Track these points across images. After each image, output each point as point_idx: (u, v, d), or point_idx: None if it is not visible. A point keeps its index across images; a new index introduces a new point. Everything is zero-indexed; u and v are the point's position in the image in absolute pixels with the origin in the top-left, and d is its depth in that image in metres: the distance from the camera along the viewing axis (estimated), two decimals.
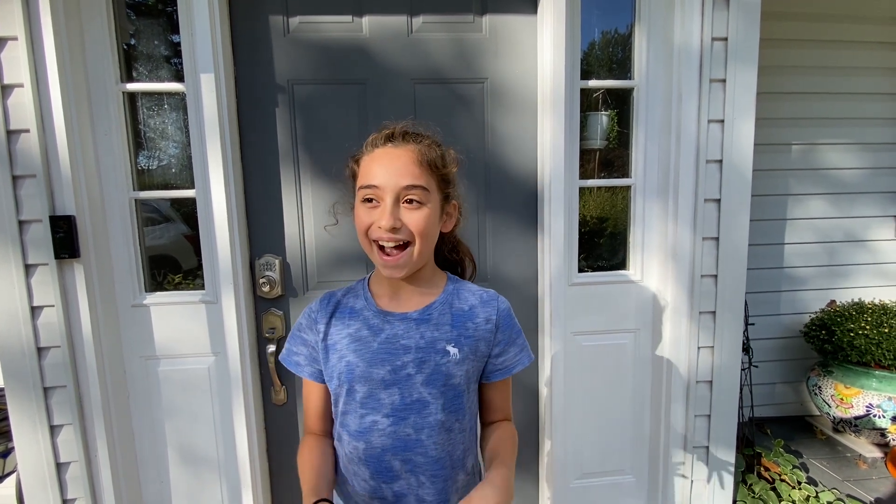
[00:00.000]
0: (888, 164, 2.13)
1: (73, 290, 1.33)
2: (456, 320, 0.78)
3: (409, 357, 0.75)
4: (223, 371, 1.49)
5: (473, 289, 0.83)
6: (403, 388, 0.75)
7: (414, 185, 0.71)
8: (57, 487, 1.39)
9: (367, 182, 0.72)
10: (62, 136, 1.27)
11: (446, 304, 0.79)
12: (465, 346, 0.77)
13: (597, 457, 1.69)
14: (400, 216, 0.71)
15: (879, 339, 1.76)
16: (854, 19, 2.00)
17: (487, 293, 0.82)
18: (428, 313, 0.78)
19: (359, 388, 0.76)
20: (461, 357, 0.76)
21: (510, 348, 0.81)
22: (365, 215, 0.73)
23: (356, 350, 0.76)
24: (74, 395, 1.36)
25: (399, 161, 0.72)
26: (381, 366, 0.75)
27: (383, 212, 0.71)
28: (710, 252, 1.53)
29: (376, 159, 0.73)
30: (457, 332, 0.77)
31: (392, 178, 0.71)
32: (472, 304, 0.80)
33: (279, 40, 1.43)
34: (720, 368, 1.57)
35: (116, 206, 1.43)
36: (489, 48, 1.49)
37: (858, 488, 1.68)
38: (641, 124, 1.57)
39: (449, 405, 0.76)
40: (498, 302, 0.81)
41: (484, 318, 0.79)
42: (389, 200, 0.71)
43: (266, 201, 1.48)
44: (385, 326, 0.77)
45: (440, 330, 0.77)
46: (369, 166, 0.74)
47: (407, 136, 0.76)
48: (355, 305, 0.81)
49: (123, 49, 1.41)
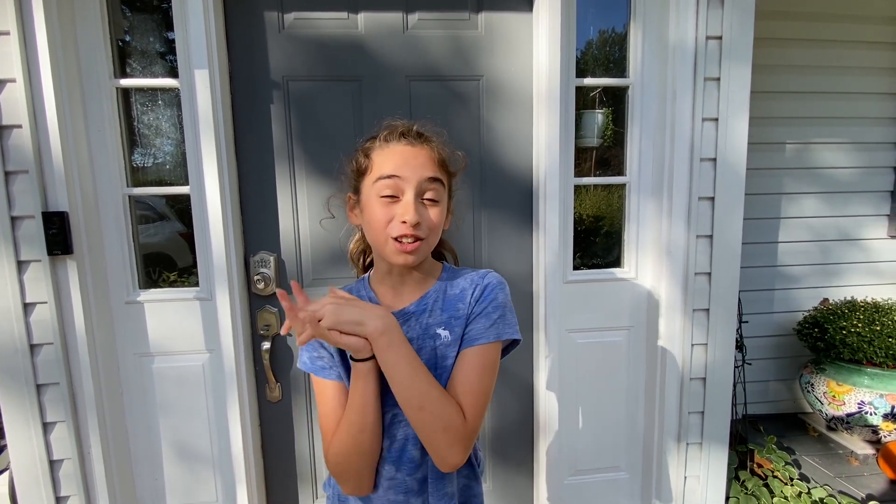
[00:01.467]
0: (881, 163, 2.14)
1: (66, 286, 1.32)
2: (447, 304, 0.79)
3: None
4: (218, 368, 1.49)
5: (467, 273, 0.83)
6: None
7: (435, 177, 0.73)
8: (50, 485, 1.39)
9: (387, 172, 0.72)
10: (55, 132, 1.26)
11: (440, 290, 0.80)
12: (455, 327, 0.77)
13: (591, 453, 1.70)
14: (421, 210, 0.72)
15: (871, 337, 1.77)
16: (848, 19, 2.01)
17: (478, 273, 0.82)
18: (424, 303, 0.79)
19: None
20: (452, 338, 0.76)
21: (480, 319, 0.75)
22: (384, 209, 0.72)
23: None
24: (67, 391, 1.35)
25: (419, 157, 0.74)
26: None
27: (407, 206, 0.71)
28: (703, 250, 1.54)
29: (395, 153, 0.74)
30: (447, 314, 0.78)
31: (416, 170, 0.72)
32: (462, 287, 0.80)
33: (274, 36, 1.42)
34: (714, 366, 1.58)
35: (110, 203, 1.42)
36: (485, 45, 1.49)
37: (850, 485, 1.70)
38: (636, 122, 1.58)
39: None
40: (484, 279, 0.80)
41: (470, 296, 0.79)
42: (412, 194, 0.71)
43: (261, 198, 1.48)
44: None
45: (433, 316, 0.78)
46: (388, 158, 0.74)
47: (420, 136, 0.77)
48: None
49: (117, 44, 1.41)
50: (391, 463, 0.77)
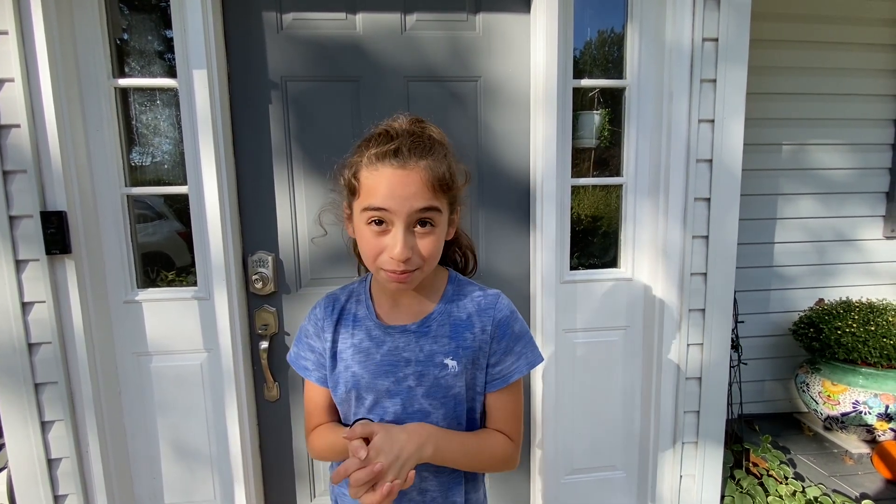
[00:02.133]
0: (877, 164, 2.16)
1: (64, 285, 1.33)
2: (454, 332, 0.76)
3: (409, 370, 0.75)
4: (216, 367, 1.49)
5: (474, 293, 0.79)
6: (405, 398, 0.75)
7: (427, 206, 0.66)
8: (48, 483, 1.39)
9: (374, 204, 0.65)
10: (53, 131, 1.26)
11: (445, 314, 0.77)
12: (462, 357, 0.75)
13: (587, 452, 1.71)
14: (411, 244, 0.66)
15: (866, 337, 1.79)
16: (844, 21, 2.03)
17: (486, 298, 0.78)
18: (427, 325, 0.77)
19: (366, 395, 0.77)
20: (460, 369, 0.75)
21: (506, 357, 0.78)
22: (373, 240, 0.67)
23: (361, 362, 0.76)
24: (66, 391, 1.36)
25: (410, 185, 0.65)
26: (384, 377, 0.75)
27: (395, 241, 0.65)
28: (699, 250, 1.55)
29: (383, 179, 0.65)
30: (455, 343, 0.76)
31: (405, 202, 0.64)
32: (469, 313, 0.77)
33: (272, 37, 1.43)
34: (709, 365, 1.59)
35: (108, 202, 1.42)
36: (482, 46, 1.50)
37: (845, 483, 1.71)
38: (633, 124, 1.58)
39: (450, 414, 0.77)
40: (495, 310, 0.77)
41: (480, 329, 0.76)
42: (402, 227, 0.65)
43: (259, 198, 1.48)
44: (386, 339, 0.76)
45: (438, 343, 0.76)
46: (376, 185, 0.66)
47: (413, 151, 0.66)
48: (358, 313, 0.80)
49: (116, 44, 1.41)
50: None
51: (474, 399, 0.79)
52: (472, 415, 0.80)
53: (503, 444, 0.79)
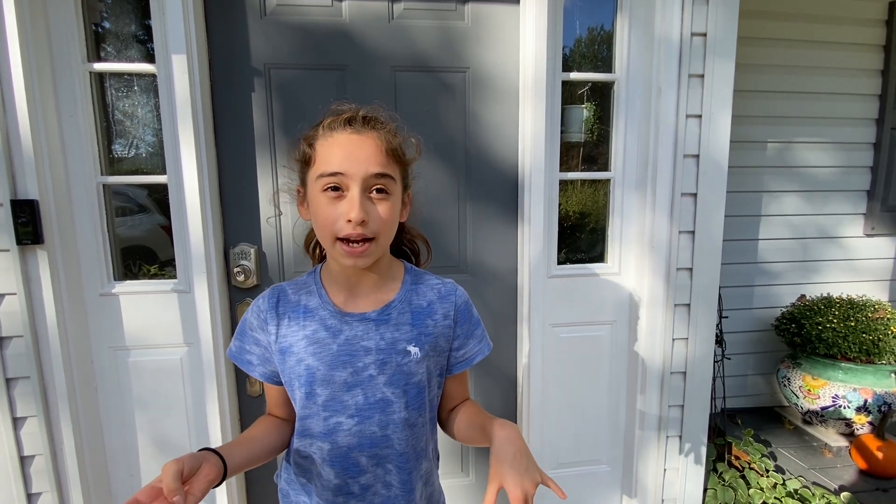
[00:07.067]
0: (859, 162, 2.19)
1: (36, 277, 1.28)
2: (416, 319, 0.76)
3: (370, 359, 0.74)
4: (196, 362, 1.46)
5: (432, 282, 0.81)
6: (366, 388, 0.74)
7: (382, 173, 0.67)
8: (21, 481, 1.35)
9: (329, 169, 0.66)
10: (24, 117, 1.21)
11: (405, 301, 0.77)
12: (425, 344, 0.76)
13: (573, 446, 1.71)
14: (368, 208, 0.67)
15: (846, 333, 1.82)
16: (830, 20, 2.04)
17: (445, 286, 0.81)
18: (387, 313, 0.76)
19: (320, 391, 0.74)
20: (422, 355, 0.75)
21: (469, 341, 0.82)
22: (328, 207, 0.67)
23: (315, 353, 0.74)
24: (38, 386, 1.31)
25: (365, 148, 0.67)
26: (342, 368, 0.73)
27: (352, 203, 0.65)
28: (686, 246, 1.55)
29: (338, 144, 0.68)
30: (417, 330, 0.76)
31: (360, 165, 0.66)
32: (430, 300, 0.79)
33: (256, 22, 1.39)
34: (694, 360, 1.60)
35: (83, 191, 1.37)
36: (471, 37, 1.47)
37: (824, 476, 1.74)
38: (621, 118, 1.58)
39: (412, 402, 0.76)
40: (455, 297, 0.80)
41: (442, 315, 0.78)
42: (357, 190, 0.66)
43: (241, 188, 1.45)
44: (343, 328, 0.74)
45: (400, 330, 0.75)
46: (330, 151, 0.68)
47: (368, 122, 0.70)
48: (309, 304, 0.76)
49: (92, 27, 1.36)
50: (330, 465, 0.75)
51: (431, 384, 0.79)
52: (432, 400, 0.81)
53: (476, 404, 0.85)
